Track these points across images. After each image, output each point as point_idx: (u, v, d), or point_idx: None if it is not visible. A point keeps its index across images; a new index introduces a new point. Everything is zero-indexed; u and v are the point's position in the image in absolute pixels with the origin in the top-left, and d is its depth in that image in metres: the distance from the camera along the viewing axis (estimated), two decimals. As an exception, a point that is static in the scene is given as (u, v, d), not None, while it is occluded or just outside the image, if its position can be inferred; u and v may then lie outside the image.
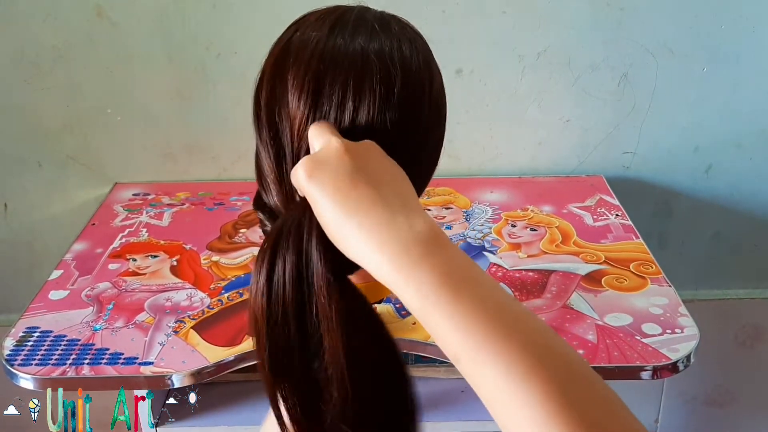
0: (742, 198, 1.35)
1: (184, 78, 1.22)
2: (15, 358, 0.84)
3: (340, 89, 0.54)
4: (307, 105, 0.54)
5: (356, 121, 0.54)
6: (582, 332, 0.86)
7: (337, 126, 0.53)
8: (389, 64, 0.55)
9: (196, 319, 0.90)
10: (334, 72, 0.54)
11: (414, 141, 0.56)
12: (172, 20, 1.18)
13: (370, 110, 0.54)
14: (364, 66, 0.54)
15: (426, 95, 0.57)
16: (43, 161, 1.28)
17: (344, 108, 0.54)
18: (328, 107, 0.54)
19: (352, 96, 0.54)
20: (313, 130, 0.52)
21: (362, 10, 0.60)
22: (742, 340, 1.49)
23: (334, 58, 0.54)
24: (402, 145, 0.55)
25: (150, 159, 1.29)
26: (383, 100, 0.54)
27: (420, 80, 0.57)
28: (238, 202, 1.22)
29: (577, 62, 1.23)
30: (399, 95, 0.54)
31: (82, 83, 1.22)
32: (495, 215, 1.16)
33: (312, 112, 0.54)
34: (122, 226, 1.15)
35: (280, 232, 0.50)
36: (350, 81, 0.54)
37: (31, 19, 1.17)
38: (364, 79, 0.54)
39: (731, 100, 1.27)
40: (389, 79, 0.54)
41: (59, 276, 1.01)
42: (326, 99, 0.54)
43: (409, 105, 0.55)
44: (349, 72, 0.54)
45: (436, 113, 0.59)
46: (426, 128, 0.57)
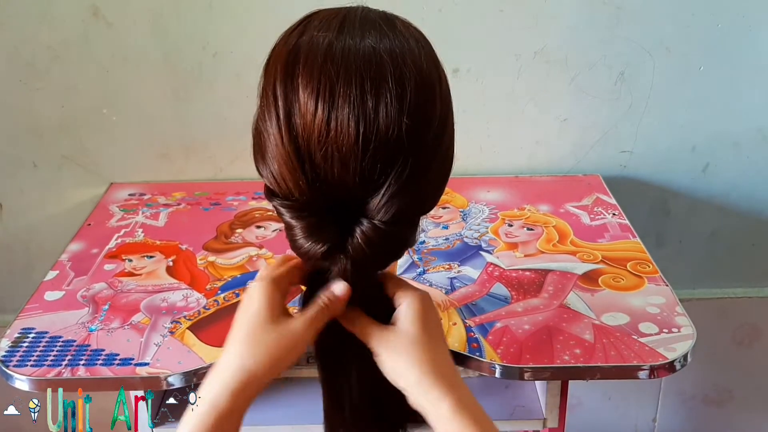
0: (740, 197, 1.35)
1: (180, 78, 1.22)
2: (10, 359, 0.83)
3: (357, 89, 0.53)
4: (324, 106, 0.54)
5: (376, 119, 0.53)
6: (579, 332, 0.86)
7: (357, 123, 0.53)
8: (401, 63, 0.55)
9: (192, 320, 0.90)
10: (348, 72, 0.54)
11: (428, 138, 0.56)
12: (167, 20, 1.18)
13: (389, 108, 0.54)
14: (378, 65, 0.54)
15: (437, 92, 0.57)
16: (39, 161, 1.27)
17: (365, 107, 0.53)
18: (347, 108, 0.53)
19: (369, 95, 0.53)
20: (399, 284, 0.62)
21: (366, 10, 0.60)
22: (739, 340, 1.49)
23: (346, 59, 0.54)
24: (417, 143, 0.55)
25: (146, 159, 1.28)
26: (399, 99, 0.54)
27: (431, 78, 0.57)
28: (234, 202, 1.21)
29: (573, 61, 1.23)
30: (413, 94, 0.55)
31: (78, 83, 1.22)
32: (492, 215, 1.16)
33: (328, 112, 0.54)
34: (118, 226, 1.14)
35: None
36: (366, 80, 0.54)
37: (27, 18, 1.17)
38: (379, 79, 0.54)
39: (728, 98, 1.27)
40: (403, 78, 0.55)
41: (55, 277, 1.00)
42: (343, 99, 0.53)
43: (423, 102, 0.56)
44: (364, 72, 0.54)
45: (446, 111, 0.59)
46: (438, 124, 0.57)
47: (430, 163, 0.57)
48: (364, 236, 0.56)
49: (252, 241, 1.09)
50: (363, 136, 0.53)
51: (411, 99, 0.55)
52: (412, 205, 0.57)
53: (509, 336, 0.85)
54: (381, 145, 0.54)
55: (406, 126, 0.54)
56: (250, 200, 1.21)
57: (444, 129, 0.59)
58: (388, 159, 0.55)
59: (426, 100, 0.56)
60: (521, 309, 0.90)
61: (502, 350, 0.83)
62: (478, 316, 0.89)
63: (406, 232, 0.59)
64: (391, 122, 0.54)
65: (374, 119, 0.54)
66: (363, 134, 0.53)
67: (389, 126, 0.54)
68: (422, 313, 0.59)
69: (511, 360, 0.81)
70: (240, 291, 0.96)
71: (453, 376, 0.58)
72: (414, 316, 0.58)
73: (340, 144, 0.54)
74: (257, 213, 1.17)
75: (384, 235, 0.57)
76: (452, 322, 0.88)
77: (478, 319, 0.88)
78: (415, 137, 0.55)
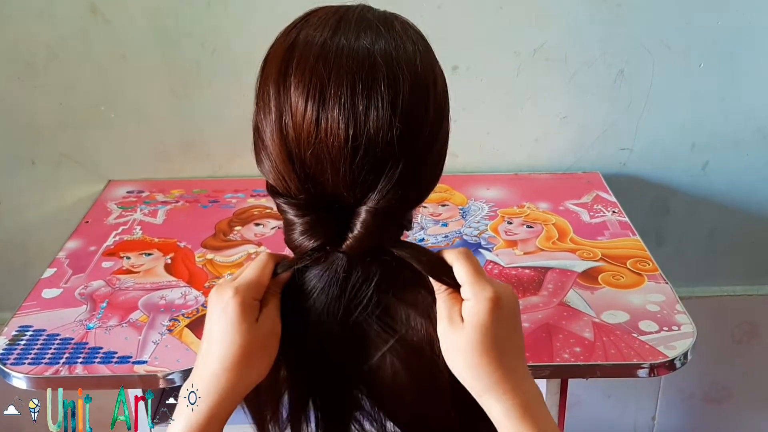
0: (739, 195, 1.35)
1: (179, 75, 1.22)
2: (7, 357, 0.83)
3: (348, 90, 0.53)
4: (314, 106, 0.53)
5: (367, 122, 0.53)
6: (579, 330, 0.86)
7: (348, 125, 0.53)
8: (395, 65, 0.55)
9: (191, 318, 0.90)
10: (340, 73, 0.53)
11: (420, 142, 0.56)
12: (166, 17, 1.18)
13: (380, 111, 0.53)
14: (371, 67, 0.54)
15: (430, 96, 0.57)
16: (37, 159, 1.27)
17: (355, 109, 0.53)
18: (337, 109, 0.53)
19: (361, 97, 0.53)
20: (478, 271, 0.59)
21: (364, 9, 0.59)
22: (739, 338, 1.49)
23: (339, 59, 0.54)
24: (409, 146, 0.55)
25: (144, 156, 1.28)
26: (391, 102, 0.54)
27: (425, 81, 0.57)
28: (232, 199, 1.21)
29: (573, 58, 1.23)
30: (406, 97, 0.54)
31: (76, 81, 1.21)
32: (491, 212, 1.15)
33: (318, 113, 0.53)
34: (116, 223, 1.14)
35: None
36: (358, 82, 0.53)
37: (25, 16, 1.16)
38: (371, 81, 0.54)
39: (728, 96, 1.27)
40: (396, 80, 0.54)
41: (52, 274, 1.00)
42: (333, 100, 0.53)
43: (415, 106, 0.55)
44: (356, 73, 0.53)
45: (440, 114, 0.59)
46: (431, 129, 0.57)
47: (423, 164, 0.57)
48: (356, 233, 0.56)
49: (250, 239, 1.08)
50: (352, 138, 0.53)
51: (403, 102, 0.54)
52: (403, 203, 0.57)
53: (508, 334, 0.85)
54: (371, 147, 0.54)
55: (398, 129, 0.54)
56: (249, 198, 1.21)
57: (438, 132, 0.58)
58: (378, 161, 0.54)
59: (419, 103, 0.56)
60: (521, 307, 0.90)
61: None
62: (478, 314, 0.89)
63: (396, 226, 0.59)
64: (382, 125, 0.53)
65: (364, 121, 0.53)
66: (352, 136, 0.53)
67: (380, 129, 0.53)
68: (490, 316, 0.55)
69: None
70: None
71: (517, 378, 0.56)
72: (478, 320, 0.55)
73: (329, 145, 0.54)
74: (256, 210, 1.17)
75: (374, 232, 0.56)
76: (451, 320, 0.88)
77: (478, 317, 0.88)
78: (407, 141, 0.55)
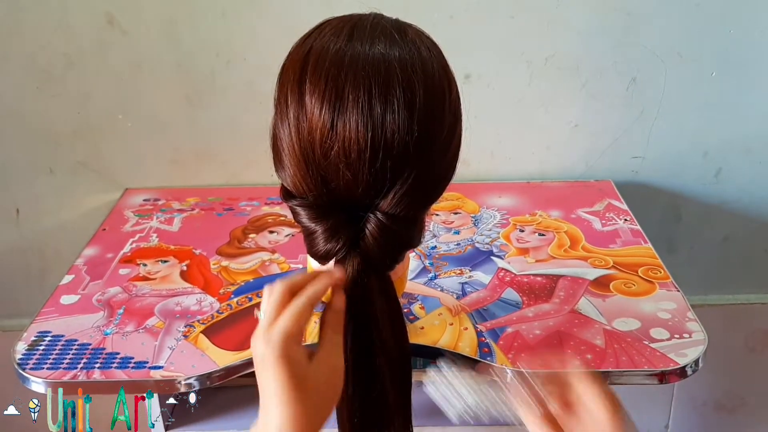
0: (752, 202, 1.35)
1: (194, 84, 1.23)
2: (27, 362, 0.85)
3: (365, 95, 0.54)
4: (329, 111, 0.54)
5: (384, 125, 0.54)
6: (590, 337, 0.86)
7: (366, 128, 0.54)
8: (410, 70, 0.56)
9: (206, 324, 0.91)
10: (356, 78, 0.54)
11: (435, 146, 0.57)
12: (181, 28, 1.19)
13: (396, 116, 0.54)
14: (386, 72, 0.55)
15: (446, 102, 0.58)
16: (55, 167, 1.29)
17: (373, 113, 0.54)
18: (354, 113, 0.54)
19: (378, 102, 0.54)
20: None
21: (378, 17, 0.60)
22: (752, 346, 1.48)
23: (355, 65, 0.55)
24: (425, 149, 0.56)
25: (160, 164, 1.30)
26: (408, 106, 0.54)
27: (440, 87, 0.58)
28: (247, 207, 1.22)
29: (585, 67, 1.23)
30: (421, 102, 0.55)
31: (93, 90, 1.23)
32: (503, 220, 1.16)
33: (334, 117, 0.54)
34: (132, 231, 1.15)
35: None
36: (374, 87, 0.54)
37: (43, 26, 1.18)
38: (387, 86, 0.54)
39: (740, 104, 1.27)
40: (412, 86, 0.55)
41: (70, 281, 1.01)
42: (351, 104, 0.54)
43: (430, 111, 0.56)
44: (372, 78, 0.54)
45: (454, 117, 0.60)
46: (446, 133, 0.58)
47: (438, 167, 0.58)
48: (371, 235, 0.57)
49: (265, 246, 1.09)
50: (369, 142, 0.54)
51: (420, 106, 0.55)
52: (417, 204, 0.58)
53: (520, 341, 0.85)
54: (388, 150, 0.54)
55: (415, 134, 0.54)
56: (263, 205, 1.22)
57: (452, 135, 0.59)
58: (395, 164, 0.55)
59: (435, 107, 0.56)
60: (532, 314, 0.91)
61: (513, 355, 0.83)
62: (489, 321, 0.89)
63: (410, 228, 0.60)
64: (398, 129, 0.54)
65: (382, 125, 0.54)
66: (371, 139, 0.54)
67: (396, 133, 0.54)
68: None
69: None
70: (252, 295, 0.96)
71: None
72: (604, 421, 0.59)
73: (347, 149, 0.54)
74: (270, 218, 1.18)
75: (390, 233, 0.57)
76: (463, 327, 0.88)
77: (489, 324, 0.89)
78: (424, 144, 0.55)
